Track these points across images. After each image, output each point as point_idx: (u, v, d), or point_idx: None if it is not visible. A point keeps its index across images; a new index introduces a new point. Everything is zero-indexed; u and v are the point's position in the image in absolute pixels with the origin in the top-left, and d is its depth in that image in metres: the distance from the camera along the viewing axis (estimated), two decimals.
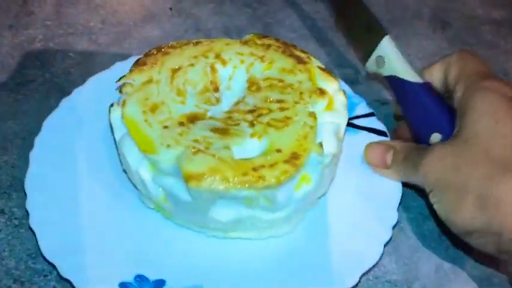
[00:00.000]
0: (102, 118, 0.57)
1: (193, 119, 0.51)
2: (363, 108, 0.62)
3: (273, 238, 0.51)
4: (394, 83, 0.57)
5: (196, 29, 0.78)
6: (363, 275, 0.48)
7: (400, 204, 0.54)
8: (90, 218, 0.51)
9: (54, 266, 0.47)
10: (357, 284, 0.48)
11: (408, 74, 0.55)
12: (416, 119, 0.55)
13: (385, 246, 0.50)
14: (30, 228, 0.49)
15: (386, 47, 0.57)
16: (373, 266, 0.49)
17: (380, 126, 0.60)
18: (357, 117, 0.61)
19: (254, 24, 0.80)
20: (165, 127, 0.49)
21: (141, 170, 0.49)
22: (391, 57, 0.57)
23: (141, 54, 0.69)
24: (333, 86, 0.55)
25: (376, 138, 0.59)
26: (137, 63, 0.55)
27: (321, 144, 0.48)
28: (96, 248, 0.48)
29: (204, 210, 0.47)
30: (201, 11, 0.81)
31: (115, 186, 0.54)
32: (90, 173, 0.54)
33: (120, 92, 0.53)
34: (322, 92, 0.53)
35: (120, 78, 0.54)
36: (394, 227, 0.52)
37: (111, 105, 0.52)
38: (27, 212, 0.50)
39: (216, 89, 0.55)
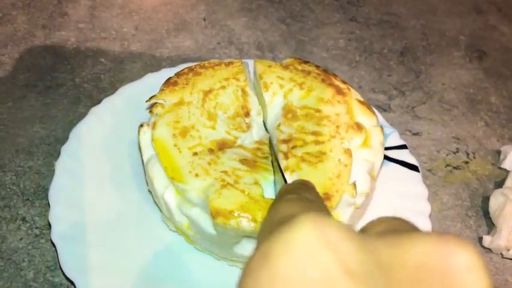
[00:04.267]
0: (131, 131, 0.57)
1: (222, 146, 0.50)
2: (395, 139, 0.60)
3: None
4: None
5: (229, 42, 0.77)
6: None
7: None
8: (111, 237, 0.50)
9: (72, 282, 0.46)
10: None
11: None
12: None
13: None
14: (51, 240, 0.48)
15: None
16: None
17: (412, 160, 0.58)
18: (389, 148, 0.59)
19: (287, 41, 0.79)
20: (195, 154, 0.48)
21: (166, 195, 0.48)
22: None
23: (172, 64, 0.69)
24: (370, 120, 0.53)
25: (408, 172, 0.57)
26: (168, 83, 0.54)
27: (354, 185, 0.47)
28: (115, 268, 0.47)
29: (228, 245, 0.46)
30: (235, 24, 0.80)
31: (139, 205, 0.53)
32: (115, 189, 0.53)
33: (151, 112, 0.52)
34: (359, 127, 0.51)
35: (151, 98, 0.53)
36: None
37: (141, 125, 0.51)
38: (48, 222, 0.49)
39: (247, 114, 0.54)
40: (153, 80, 0.62)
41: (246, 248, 0.46)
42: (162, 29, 0.77)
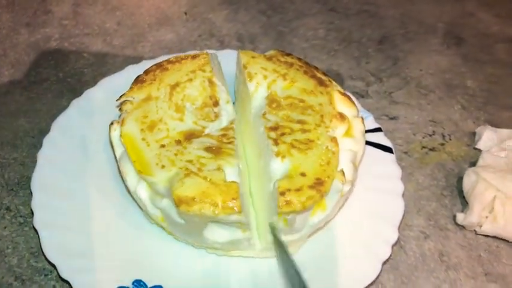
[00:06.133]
0: (111, 122, 0.58)
1: (190, 136, 0.51)
2: (370, 122, 0.62)
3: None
4: None
5: (210, 34, 0.78)
6: None
7: (402, 221, 0.54)
8: (93, 224, 0.51)
9: (55, 266, 0.47)
10: None
11: None
12: None
13: (383, 264, 0.50)
14: (34, 228, 0.50)
15: None
16: (371, 284, 0.49)
17: (386, 142, 0.60)
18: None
19: (268, 33, 0.80)
20: (162, 146, 0.50)
21: (138, 190, 0.49)
22: None
23: (153, 57, 0.70)
24: (351, 111, 0.55)
25: (382, 154, 0.59)
26: (137, 81, 0.56)
27: (343, 172, 0.49)
28: (96, 252, 0.49)
29: (198, 231, 0.48)
30: (216, 17, 0.82)
31: (119, 196, 0.54)
32: (96, 178, 0.55)
33: (120, 110, 0.54)
34: (342, 117, 0.53)
35: (120, 97, 0.55)
36: (393, 245, 0.52)
37: (111, 123, 0.53)
38: (32, 211, 0.51)
39: (216, 103, 0.55)
40: (133, 72, 0.63)
41: (215, 232, 0.48)
42: (144, 23, 0.79)
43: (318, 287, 0.48)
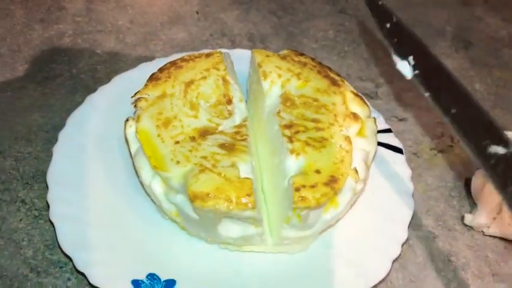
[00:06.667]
0: (124, 117, 0.58)
1: (204, 133, 0.52)
2: (380, 123, 0.62)
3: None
4: None
5: (222, 34, 0.79)
6: None
7: (410, 222, 0.54)
8: (108, 217, 0.52)
9: (70, 259, 0.48)
10: None
11: None
12: None
13: (393, 262, 0.51)
14: (50, 220, 0.50)
15: None
16: (380, 282, 0.50)
17: (396, 143, 0.61)
18: None
19: (278, 33, 0.81)
20: (177, 142, 0.51)
21: (153, 185, 0.50)
22: None
23: (165, 56, 0.71)
24: (364, 111, 0.56)
25: (392, 154, 0.60)
26: (151, 78, 0.57)
27: (356, 170, 0.49)
28: (112, 246, 0.49)
29: (212, 226, 0.48)
30: (227, 17, 0.82)
31: (133, 191, 0.55)
32: (111, 172, 0.56)
33: (135, 106, 0.54)
34: (356, 116, 0.54)
35: (136, 94, 0.55)
36: (403, 244, 0.52)
37: (127, 119, 0.54)
38: (47, 204, 0.51)
39: (229, 101, 0.56)
40: (147, 70, 0.64)
41: (228, 227, 0.49)
42: (157, 21, 0.80)
43: (329, 283, 0.49)
